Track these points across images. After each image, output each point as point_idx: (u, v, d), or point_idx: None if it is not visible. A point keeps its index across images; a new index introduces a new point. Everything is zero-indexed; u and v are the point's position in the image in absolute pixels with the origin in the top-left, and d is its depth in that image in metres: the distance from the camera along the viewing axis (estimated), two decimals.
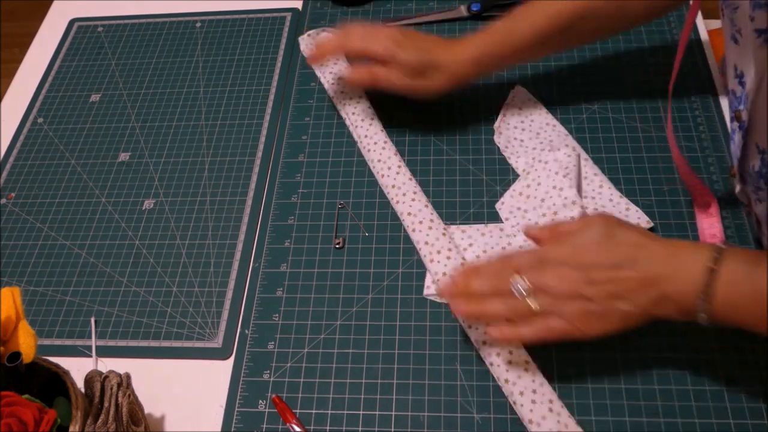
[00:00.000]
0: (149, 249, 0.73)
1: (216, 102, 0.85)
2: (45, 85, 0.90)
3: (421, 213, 0.68)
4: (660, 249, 0.52)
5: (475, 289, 0.57)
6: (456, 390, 0.60)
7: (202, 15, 0.95)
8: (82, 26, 0.97)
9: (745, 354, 0.59)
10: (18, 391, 0.49)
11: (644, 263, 0.52)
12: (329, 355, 0.63)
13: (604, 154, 0.73)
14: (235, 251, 0.71)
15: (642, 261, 0.52)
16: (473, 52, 0.71)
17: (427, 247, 0.66)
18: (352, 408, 0.60)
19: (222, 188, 0.76)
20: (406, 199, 0.70)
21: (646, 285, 0.52)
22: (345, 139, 0.78)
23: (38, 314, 0.69)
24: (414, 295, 0.65)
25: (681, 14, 0.84)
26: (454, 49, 0.71)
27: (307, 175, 0.76)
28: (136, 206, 0.76)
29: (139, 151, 0.81)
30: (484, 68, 0.72)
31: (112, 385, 0.54)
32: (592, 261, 0.53)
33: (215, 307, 0.68)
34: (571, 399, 0.58)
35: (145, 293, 0.69)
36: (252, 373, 0.63)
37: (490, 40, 0.71)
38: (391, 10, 0.90)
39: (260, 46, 0.90)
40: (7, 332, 0.50)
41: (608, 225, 0.55)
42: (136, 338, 0.67)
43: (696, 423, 0.56)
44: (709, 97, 0.76)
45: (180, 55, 0.90)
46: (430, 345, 0.62)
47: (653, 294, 0.52)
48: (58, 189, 0.79)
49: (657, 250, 0.53)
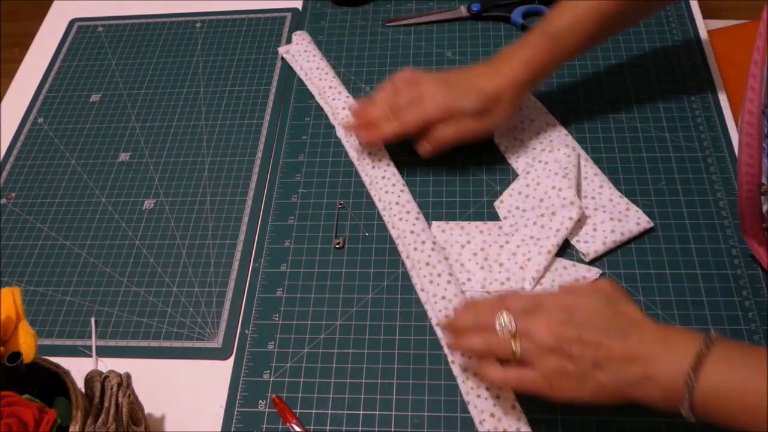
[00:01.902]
0: (149, 249, 0.73)
1: (216, 102, 0.85)
2: (45, 85, 0.90)
3: (425, 233, 0.67)
4: (654, 329, 0.50)
5: (462, 322, 0.56)
6: (456, 390, 0.60)
7: (202, 15, 0.95)
8: (82, 26, 0.97)
9: None
10: (18, 391, 0.49)
11: (635, 339, 0.50)
12: (329, 355, 0.63)
13: (604, 154, 0.73)
14: (235, 251, 0.71)
15: (633, 336, 0.50)
16: (526, 69, 0.67)
17: (428, 268, 0.65)
18: (352, 408, 0.60)
19: (222, 188, 0.76)
20: (410, 217, 0.69)
21: (631, 361, 0.49)
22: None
23: (38, 314, 0.69)
24: (414, 295, 0.65)
25: (681, 14, 0.84)
26: (503, 73, 0.67)
27: (307, 175, 0.76)
28: (136, 206, 0.76)
29: (139, 151, 0.81)
30: (538, 81, 0.70)
31: (112, 385, 0.54)
32: (585, 320, 0.51)
33: (215, 307, 0.68)
34: None
35: (145, 293, 0.69)
36: (252, 373, 0.63)
37: (537, 51, 0.67)
38: (391, 10, 0.90)
39: (260, 46, 0.90)
40: (7, 332, 0.50)
41: (614, 293, 0.53)
42: (136, 338, 0.67)
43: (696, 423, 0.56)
44: (709, 97, 0.76)
45: (180, 55, 0.90)
46: (430, 345, 0.62)
47: (634, 372, 0.49)
48: (58, 189, 0.79)
49: (651, 329, 0.50)
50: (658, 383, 0.48)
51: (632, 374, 0.49)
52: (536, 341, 0.52)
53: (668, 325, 0.54)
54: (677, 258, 0.65)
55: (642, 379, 0.48)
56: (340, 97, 0.79)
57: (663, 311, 0.62)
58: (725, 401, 0.46)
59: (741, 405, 0.46)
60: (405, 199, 0.70)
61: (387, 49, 0.86)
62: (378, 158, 0.74)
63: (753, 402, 0.45)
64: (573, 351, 0.50)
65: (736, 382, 0.46)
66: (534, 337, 0.52)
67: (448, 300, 0.62)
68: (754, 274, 0.63)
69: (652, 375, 0.48)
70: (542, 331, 0.51)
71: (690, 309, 0.62)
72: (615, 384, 0.49)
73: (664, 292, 0.63)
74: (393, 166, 0.73)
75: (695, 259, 0.65)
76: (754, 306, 0.62)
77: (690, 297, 0.63)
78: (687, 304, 0.62)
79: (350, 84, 0.83)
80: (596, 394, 0.50)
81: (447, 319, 0.59)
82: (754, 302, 0.62)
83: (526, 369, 0.52)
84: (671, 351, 0.48)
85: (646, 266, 0.65)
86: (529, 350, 0.52)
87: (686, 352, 0.47)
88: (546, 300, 0.54)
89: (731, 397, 0.46)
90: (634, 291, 0.63)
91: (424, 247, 0.66)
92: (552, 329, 0.51)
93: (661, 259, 0.65)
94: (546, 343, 0.51)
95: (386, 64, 0.85)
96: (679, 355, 0.48)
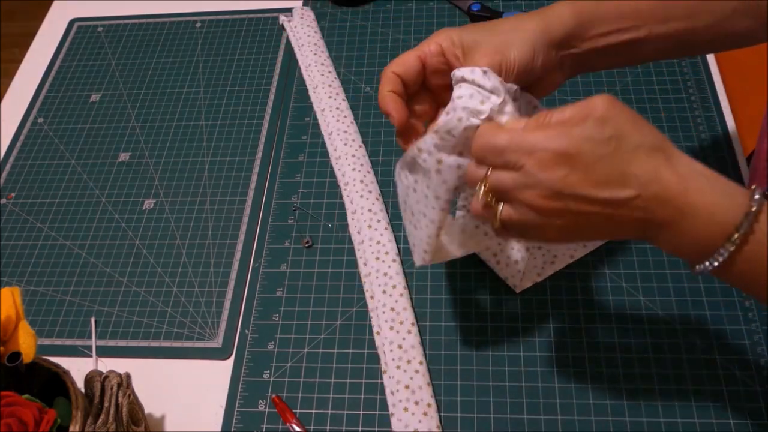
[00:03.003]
0: (149, 249, 0.73)
1: (216, 102, 0.85)
2: (45, 85, 0.90)
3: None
4: (687, 162, 0.42)
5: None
6: (456, 390, 0.60)
7: (202, 15, 0.95)
8: (82, 26, 0.97)
9: (745, 354, 0.59)
10: (18, 391, 0.49)
11: (669, 173, 0.41)
12: (329, 355, 0.63)
13: None
14: (235, 251, 0.71)
15: (656, 183, 0.41)
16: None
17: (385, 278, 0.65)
18: (352, 408, 0.60)
19: (222, 188, 0.76)
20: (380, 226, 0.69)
21: (661, 202, 0.41)
22: None
23: (38, 314, 0.69)
24: (414, 295, 0.65)
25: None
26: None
27: (307, 175, 0.76)
28: (136, 206, 0.76)
29: (139, 151, 0.81)
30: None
31: (112, 385, 0.54)
32: (589, 163, 0.41)
33: (215, 307, 0.68)
34: (572, 399, 0.58)
35: (145, 293, 0.69)
36: (252, 373, 0.63)
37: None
38: (391, 10, 0.90)
39: (260, 46, 0.90)
40: (7, 332, 0.50)
41: (619, 117, 0.42)
42: (136, 338, 0.67)
43: (696, 423, 0.56)
44: (709, 98, 0.76)
45: (180, 55, 0.90)
46: (430, 345, 0.62)
47: (663, 214, 0.41)
48: (58, 189, 0.79)
49: (685, 161, 0.42)
50: (689, 234, 0.42)
51: (660, 215, 0.42)
52: (527, 221, 0.44)
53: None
54: (677, 258, 0.65)
55: (669, 222, 0.42)
56: (331, 90, 0.81)
57: (663, 311, 0.62)
58: (757, 268, 0.41)
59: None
60: (378, 207, 0.70)
61: (387, 49, 0.86)
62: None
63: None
64: (576, 207, 0.42)
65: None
66: (525, 219, 0.44)
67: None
68: None
69: (684, 229, 0.42)
70: (535, 206, 0.43)
71: (690, 309, 0.62)
72: (624, 236, 0.44)
73: (664, 292, 0.63)
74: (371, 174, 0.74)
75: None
76: (754, 306, 0.62)
77: (690, 297, 0.63)
78: (687, 304, 0.62)
79: (350, 84, 0.83)
80: (595, 238, 0.45)
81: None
82: (754, 302, 0.62)
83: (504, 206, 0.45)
84: (721, 202, 0.42)
85: (646, 266, 0.65)
86: (511, 187, 0.44)
87: (739, 203, 0.41)
88: (528, 161, 0.43)
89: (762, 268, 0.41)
90: (634, 291, 0.63)
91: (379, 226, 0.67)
92: (545, 204, 0.43)
93: (661, 259, 0.65)
94: (542, 219, 0.43)
95: (386, 64, 0.84)
96: (727, 208, 0.41)
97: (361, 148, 0.75)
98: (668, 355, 0.60)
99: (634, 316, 0.62)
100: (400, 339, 0.61)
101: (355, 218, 0.70)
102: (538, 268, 0.64)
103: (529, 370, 0.60)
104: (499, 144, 0.44)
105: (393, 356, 0.60)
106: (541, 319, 0.63)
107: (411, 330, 0.62)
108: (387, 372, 0.60)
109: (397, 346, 0.61)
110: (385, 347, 0.61)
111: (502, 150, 0.44)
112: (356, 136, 0.76)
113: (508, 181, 0.44)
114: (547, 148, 0.42)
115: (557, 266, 0.64)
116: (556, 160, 0.42)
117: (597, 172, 0.42)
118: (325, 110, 0.79)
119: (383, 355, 0.61)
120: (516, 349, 0.61)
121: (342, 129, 0.77)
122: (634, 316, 0.62)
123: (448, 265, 0.67)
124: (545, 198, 0.43)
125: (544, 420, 0.57)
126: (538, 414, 0.58)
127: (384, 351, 0.61)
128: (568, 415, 0.57)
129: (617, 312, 0.62)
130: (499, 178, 0.45)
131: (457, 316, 0.64)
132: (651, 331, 0.61)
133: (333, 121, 0.77)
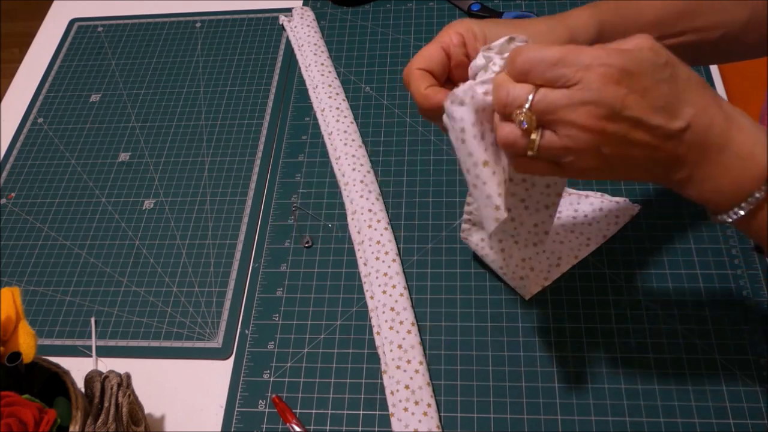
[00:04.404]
0: (149, 249, 0.73)
1: (216, 102, 0.85)
2: (45, 85, 0.90)
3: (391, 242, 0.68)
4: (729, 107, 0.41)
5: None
6: (456, 390, 0.60)
7: (202, 15, 0.95)
8: (82, 26, 0.97)
9: (745, 354, 0.59)
10: (18, 391, 0.49)
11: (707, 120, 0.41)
12: (329, 355, 0.63)
13: None
14: (235, 251, 0.71)
15: (707, 116, 0.40)
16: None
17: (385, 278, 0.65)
18: (352, 408, 0.60)
19: (222, 188, 0.76)
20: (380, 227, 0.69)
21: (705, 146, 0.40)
22: None
23: (38, 314, 0.69)
24: (414, 295, 0.65)
25: None
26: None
27: (307, 175, 0.76)
28: (136, 206, 0.76)
29: (139, 151, 0.81)
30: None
31: (112, 385, 0.54)
32: (648, 87, 0.39)
33: (215, 307, 0.68)
34: (572, 399, 0.58)
35: (145, 293, 0.69)
36: (252, 373, 0.63)
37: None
38: (391, 10, 0.90)
39: (260, 46, 0.90)
40: (7, 332, 0.50)
41: (667, 51, 0.41)
42: (136, 338, 0.67)
43: (696, 423, 0.56)
44: None
45: (180, 55, 0.90)
46: (430, 345, 0.62)
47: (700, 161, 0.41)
48: (58, 189, 0.79)
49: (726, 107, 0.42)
50: (728, 171, 0.41)
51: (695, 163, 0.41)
52: (577, 143, 0.40)
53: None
54: (677, 258, 0.65)
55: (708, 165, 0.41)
56: (331, 91, 0.81)
57: (663, 311, 0.62)
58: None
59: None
60: (379, 207, 0.70)
61: (387, 49, 0.86)
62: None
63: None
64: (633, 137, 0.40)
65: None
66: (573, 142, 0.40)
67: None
68: (754, 274, 0.63)
69: (728, 165, 0.41)
70: (588, 126, 0.40)
71: (690, 309, 0.62)
72: (669, 179, 0.42)
73: (664, 292, 0.63)
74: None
75: (695, 259, 0.65)
76: (755, 306, 0.62)
77: (690, 297, 0.63)
78: (687, 304, 0.62)
79: (350, 84, 0.83)
80: (631, 176, 0.43)
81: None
82: (754, 302, 0.62)
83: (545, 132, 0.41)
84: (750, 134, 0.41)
85: (646, 266, 0.65)
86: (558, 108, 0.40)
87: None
88: (586, 75, 0.39)
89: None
90: (634, 291, 0.63)
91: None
92: (600, 125, 0.39)
93: (662, 259, 0.65)
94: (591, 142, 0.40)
95: (386, 64, 0.85)
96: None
97: (361, 148, 0.75)
98: (668, 355, 0.60)
99: (634, 316, 0.62)
100: (400, 339, 0.61)
101: (355, 218, 0.70)
102: (545, 272, 0.64)
103: (529, 370, 0.60)
104: (551, 56, 0.40)
105: (393, 356, 0.60)
106: (541, 319, 0.63)
107: (411, 330, 0.62)
108: (387, 372, 0.60)
109: (396, 346, 0.61)
110: (384, 347, 0.61)
111: (555, 63, 0.40)
112: (356, 136, 0.76)
113: (560, 98, 0.39)
114: (610, 63, 0.39)
115: (563, 268, 0.64)
116: (618, 77, 0.39)
117: (654, 96, 0.39)
118: (325, 110, 0.79)
119: (383, 355, 0.61)
120: (516, 349, 0.61)
121: (342, 129, 0.77)
122: (634, 316, 0.62)
123: (448, 265, 0.67)
124: (601, 118, 0.39)
125: (544, 420, 0.57)
126: (538, 414, 0.58)
127: (384, 351, 0.61)
128: (568, 415, 0.57)
129: (617, 312, 0.62)
130: (547, 95, 0.40)
131: (457, 316, 0.64)
132: (651, 331, 0.61)
133: (333, 121, 0.77)
